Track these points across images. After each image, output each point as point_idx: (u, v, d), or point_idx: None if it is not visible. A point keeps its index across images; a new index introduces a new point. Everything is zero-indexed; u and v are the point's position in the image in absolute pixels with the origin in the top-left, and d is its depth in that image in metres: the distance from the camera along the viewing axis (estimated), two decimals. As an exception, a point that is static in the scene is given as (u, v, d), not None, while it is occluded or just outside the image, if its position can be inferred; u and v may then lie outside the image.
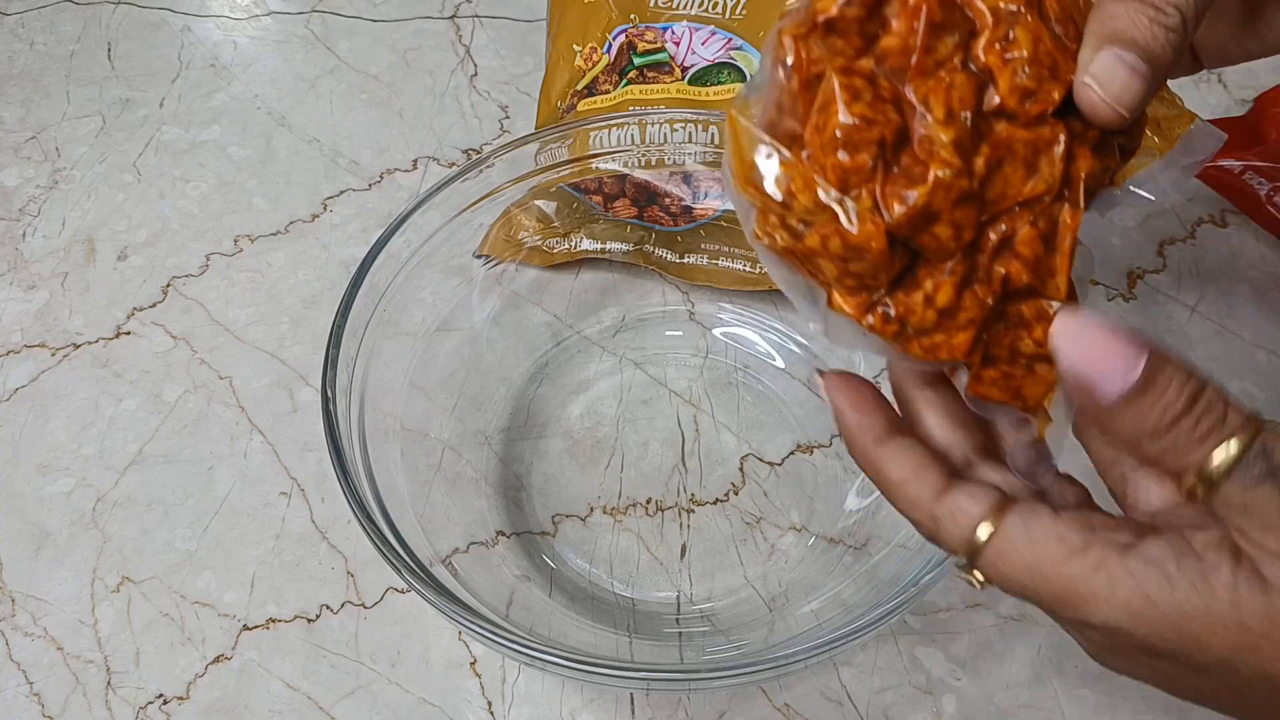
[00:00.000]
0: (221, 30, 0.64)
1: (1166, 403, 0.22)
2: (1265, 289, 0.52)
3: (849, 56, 0.23)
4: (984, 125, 0.24)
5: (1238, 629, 0.22)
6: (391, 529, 0.37)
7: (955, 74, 0.23)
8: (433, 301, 0.46)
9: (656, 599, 0.43)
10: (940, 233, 0.24)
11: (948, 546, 0.25)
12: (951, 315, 0.24)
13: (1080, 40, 0.24)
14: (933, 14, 0.23)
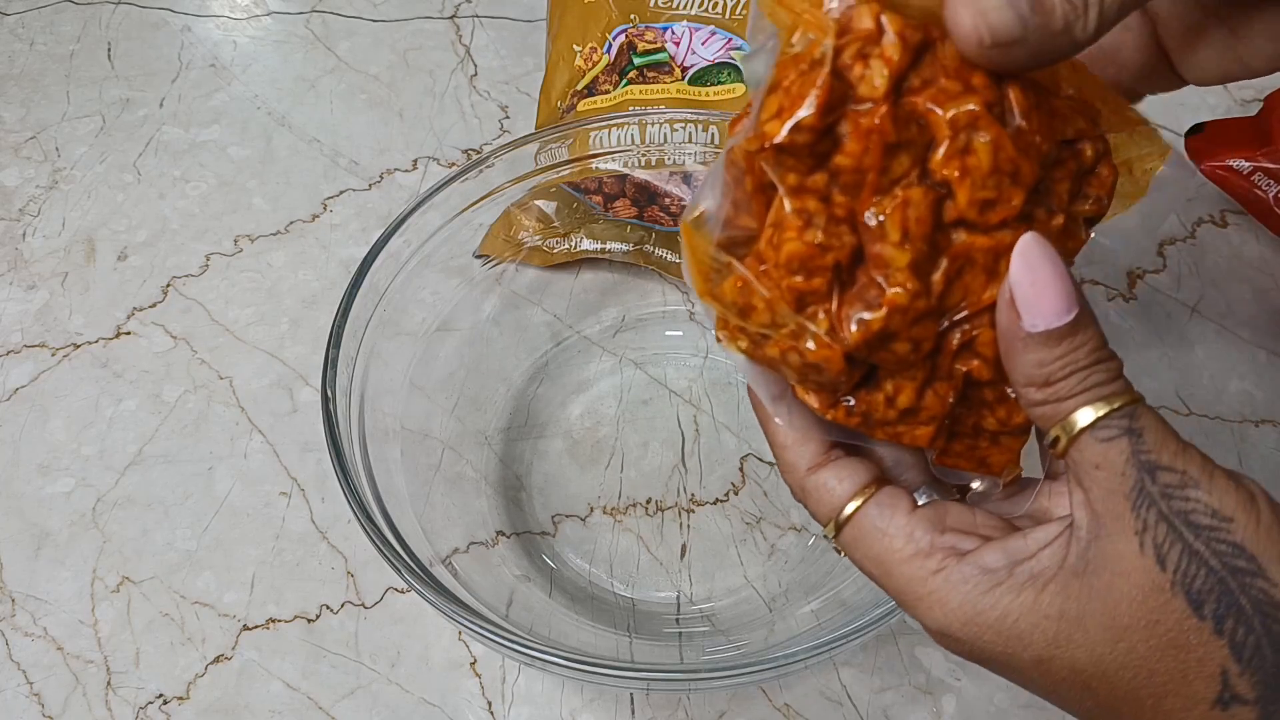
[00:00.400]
0: (221, 30, 0.64)
1: (1073, 356, 0.22)
2: (1265, 289, 0.52)
3: (801, 173, 0.23)
4: (942, 238, 0.23)
5: (1057, 619, 0.22)
6: (391, 529, 0.37)
7: (911, 189, 0.22)
8: (433, 301, 0.46)
9: (656, 599, 0.43)
10: (898, 349, 0.24)
11: (815, 517, 0.26)
12: (913, 414, 0.25)
13: (1049, 134, 0.23)
14: (887, 135, 0.22)
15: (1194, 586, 0.21)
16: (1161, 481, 0.21)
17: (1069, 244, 0.24)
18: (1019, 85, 0.23)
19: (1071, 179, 0.24)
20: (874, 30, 0.22)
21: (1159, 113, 0.58)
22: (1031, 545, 0.23)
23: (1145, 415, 0.22)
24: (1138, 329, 0.51)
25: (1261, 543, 0.20)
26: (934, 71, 0.22)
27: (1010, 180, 0.22)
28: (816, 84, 0.22)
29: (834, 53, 0.22)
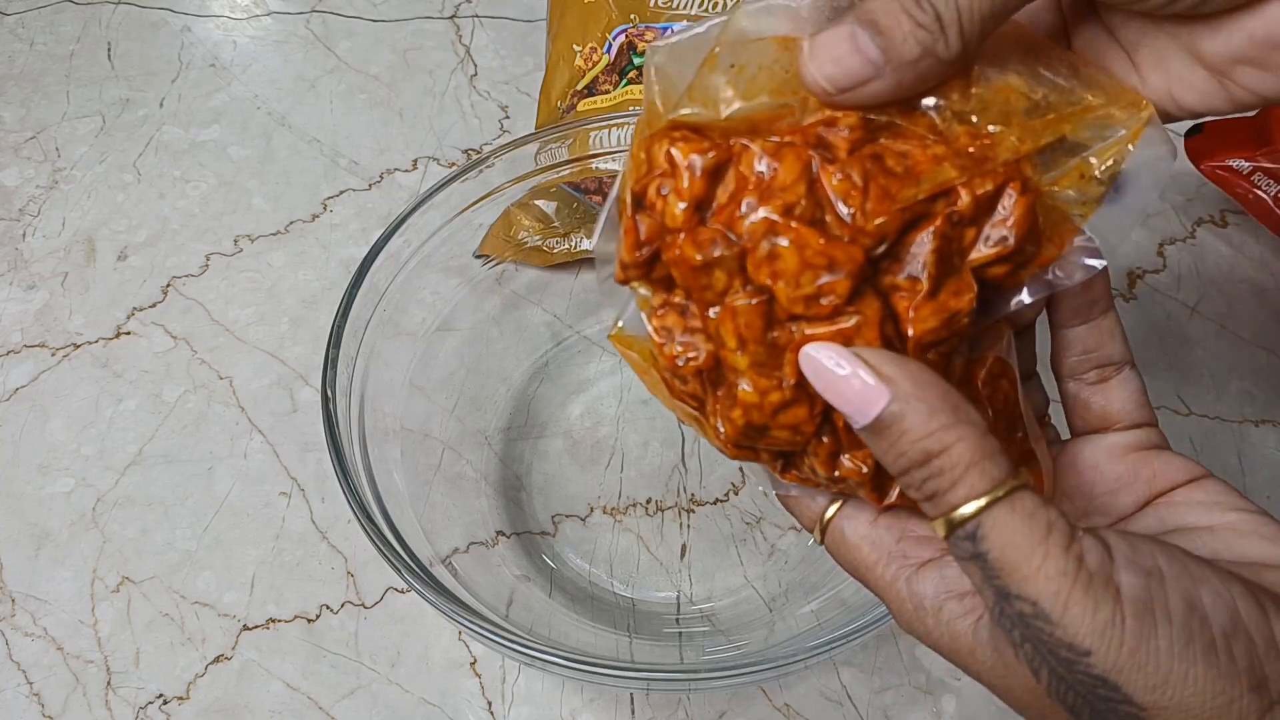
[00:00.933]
0: (221, 30, 0.64)
1: (898, 451, 0.22)
2: (1265, 289, 0.52)
3: (662, 292, 0.25)
4: (782, 334, 0.23)
5: (974, 671, 0.23)
6: (391, 529, 0.37)
7: (736, 299, 0.23)
8: (433, 301, 0.46)
9: (656, 599, 0.43)
10: (779, 437, 0.24)
11: (801, 522, 0.27)
12: (842, 479, 0.25)
13: (887, 205, 0.22)
14: (690, 261, 0.23)
15: (1067, 701, 0.21)
16: (1016, 609, 0.21)
17: (951, 303, 0.23)
18: (838, 167, 0.22)
19: (942, 234, 0.23)
20: (667, 165, 0.23)
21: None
22: (964, 580, 0.23)
23: (990, 532, 0.21)
24: (1138, 329, 0.51)
25: (1124, 669, 0.20)
26: (738, 184, 0.23)
27: (827, 271, 0.22)
28: (624, 228, 0.24)
29: (638, 194, 0.24)
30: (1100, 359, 0.28)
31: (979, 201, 0.23)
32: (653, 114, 0.24)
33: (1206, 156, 0.53)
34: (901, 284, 0.23)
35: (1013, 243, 0.23)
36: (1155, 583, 0.20)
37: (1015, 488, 0.21)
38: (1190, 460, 0.27)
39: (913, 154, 0.23)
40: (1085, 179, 0.24)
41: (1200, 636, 0.20)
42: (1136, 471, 0.27)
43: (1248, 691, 0.20)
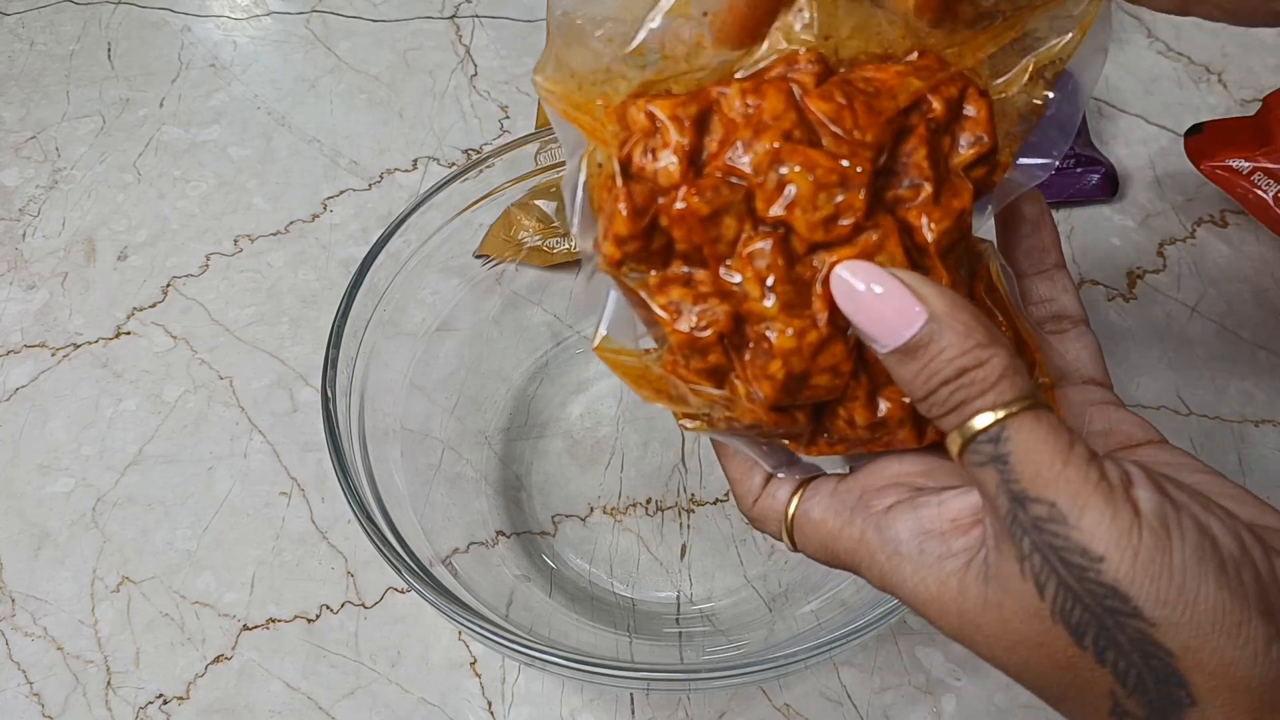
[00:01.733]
0: (221, 30, 0.64)
1: (933, 370, 0.21)
2: (1265, 289, 0.52)
3: (658, 268, 0.23)
4: (805, 269, 0.23)
5: (958, 617, 0.22)
6: (391, 529, 0.37)
7: (751, 243, 0.23)
8: (433, 301, 0.46)
9: (656, 599, 0.43)
10: (820, 383, 0.23)
11: (772, 536, 0.26)
12: (881, 424, 0.24)
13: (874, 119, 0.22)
14: (697, 213, 0.22)
15: (1072, 619, 0.20)
16: (1032, 513, 0.20)
17: (953, 203, 0.23)
18: (820, 93, 0.23)
19: (928, 140, 0.23)
20: (649, 124, 0.23)
21: (1158, 113, 0.58)
22: (944, 518, 0.23)
23: (1014, 435, 0.21)
24: (1138, 329, 0.51)
25: (1137, 579, 0.19)
26: (725, 129, 0.23)
27: (841, 188, 0.22)
28: (618, 201, 0.23)
29: (624, 161, 0.23)
30: (1057, 310, 0.28)
31: (949, 106, 0.23)
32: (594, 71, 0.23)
33: (1206, 156, 0.53)
34: (904, 194, 0.23)
35: (987, 141, 0.24)
36: (1170, 504, 0.20)
37: (1041, 403, 0.21)
38: (1146, 421, 0.26)
39: (875, 76, 0.23)
40: (1033, 80, 0.25)
41: (1212, 558, 0.20)
42: (1093, 425, 0.26)
43: (1257, 615, 0.19)
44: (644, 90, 0.23)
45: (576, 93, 0.23)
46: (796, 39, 0.23)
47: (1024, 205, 0.27)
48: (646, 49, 0.23)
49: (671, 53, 0.23)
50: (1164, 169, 0.56)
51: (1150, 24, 0.62)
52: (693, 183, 0.22)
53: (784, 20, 0.23)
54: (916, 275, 0.22)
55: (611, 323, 0.25)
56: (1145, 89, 0.59)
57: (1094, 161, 0.54)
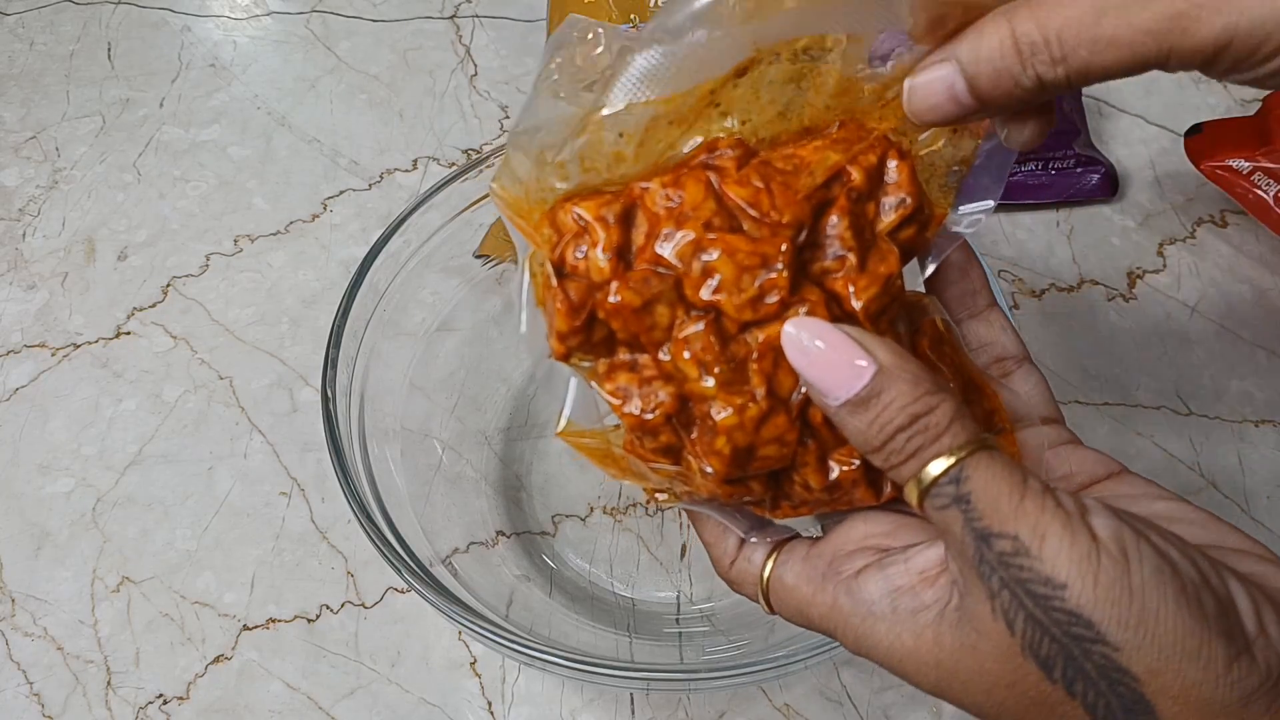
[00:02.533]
0: (221, 30, 0.64)
1: (885, 420, 0.22)
2: (1265, 289, 0.52)
3: (605, 357, 0.25)
4: (739, 347, 0.24)
5: (935, 668, 0.22)
6: (391, 529, 0.37)
7: (684, 328, 0.24)
8: (433, 301, 0.46)
9: (656, 599, 0.43)
10: (768, 454, 0.24)
11: (748, 598, 0.27)
12: (836, 485, 0.25)
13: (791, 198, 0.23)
14: (630, 305, 0.23)
15: (1041, 652, 0.20)
16: (996, 549, 0.21)
17: (880, 269, 0.24)
18: (738, 180, 0.23)
19: (850, 210, 0.24)
20: (577, 226, 0.24)
21: (1158, 113, 0.58)
22: (912, 573, 0.23)
23: (973, 475, 0.21)
24: (1138, 329, 0.51)
25: (1100, 605, 0.20)
26: (650, 222, 0.24)
27: (763, 269, 0.23)
28: (555, 300, 0.24)
29: (557, 263, 0.24)
30: (998, 352, 0.28)
31: (869, 174, 0.24)
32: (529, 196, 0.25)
33: (1206, 156, 0.53)
34: (830, 266, 0.24)
35: (910, 202, 0.25)
36: (1127, 529, 0.20)
37: (990, 444, 0.22)
38: (1105, 455, 0.27)
39: (795, 152, 0.24)
40: (957, 133, 0.26)
41: (1172, 581, 0.20)
42: (1053, 467, 0.27)
43: (1217, 636, 0.20)
44: (575, 193, 0.24)
45: (522, 200, 0.25)
46: (718, 127, 0.24)
47: (951, 254, 0.27)
48: (567, 164, 0.24)
49: (593, 166, 0.24)
50: (1164, 169, 0.56)
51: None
52: (623, 276, 0.24)
53: (707, 124, 0.24)
54: (860, 330, 0.23)
55: (575, 406, 0.26)
56: (1145, 89, 0.59)
57: (1094, 161, 0.54)
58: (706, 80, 0.24)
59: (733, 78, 0.24)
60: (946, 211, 0.26)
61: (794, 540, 0.26)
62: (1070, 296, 0.52)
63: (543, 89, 0.24)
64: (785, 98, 0.25)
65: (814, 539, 0.26)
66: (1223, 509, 0.45)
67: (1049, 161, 0.54)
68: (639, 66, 0.23)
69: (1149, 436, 0.47)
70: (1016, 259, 0.53)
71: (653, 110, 0.24)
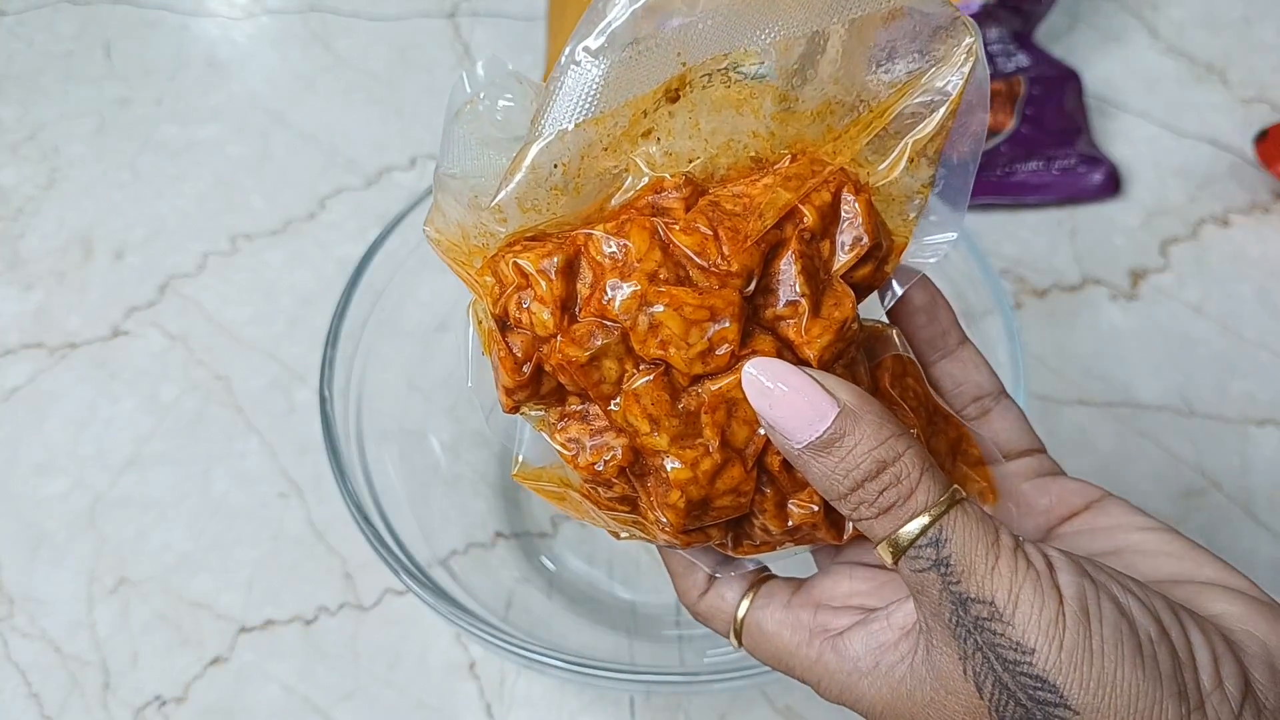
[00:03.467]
0: (219, 29, 0.64)
1: (850, 465, 0.21)
2: (1268, 289, 0.52)
3: (554, 407, 0.24)
4: (691, 400, 0.23)
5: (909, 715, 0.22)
6: (389, 530, 0.36)
7: (633, 382, 0.23)
8: (431, 301, 0.45)
9: (656, 601, 0.43)
10: (723, 504, 0.24)
11: (718, 633, 0.26)
12: (796, 528, 0.25)
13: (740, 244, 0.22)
14: (574, 361, 0.22)
15: (1006, 715, 0.21)
16: (973, 614, 0.21)
17: (835, 313, 0.23)
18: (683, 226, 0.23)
19: (802, 253, 0.23)
20: (519, 278, 0.23)
21: (1160, 113, 0.58)
22: (893, 630, 0.23)
23: (953, 534, 0.21)
24: (1141, 328, 0.50)
25: (1063, 669, 0.20)
26: (595, 272, 0.23)
27: (712, 322, 0.22)
28: (499, 354, 0.23)
29: (499, 316, 0.23)
30: (974, 390, 0.28)
31: (822, 213, 0.23)
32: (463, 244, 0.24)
33: (1276, 160, 0.53)
34: (782, 312, 0.23)
35: (867, 241, 0.24)
36: (1089, 586, 0.21)
37: (961, 495, 0.22)
38: (1087, 483, 0.27)
39: (745, 191, 0.23)
40: (914, 161, 0.25)
41: (1129, 640, 0.20)
42: (1033, 501, 0.27)
43: (1169, 697, 0.20)
44: (516, 238, 0.24)
45: (461, 244, 0.24)
46: (659, 165, 0.23)
47: (913, 294, 0.27)
48: (505, 206, 0.23)
49: (533, 205, 0.23)
50: (1167, 168, 0.56)
51: (1152, 23, 0.62)
52: (567, 331, 0.23)
53: (644, 148, 0.23)
54: (822, 372, 0.22)
55: (528, 447, 0.26)
56: (1147, 88, 0.59)
57: (1097, 161, 0.54)
58: (636, 97, 0.23)
59: (665, 101, 0.23)
60: (907, 242, 0.25)
61: (771, 582, 0.26)
62: (1073, 296, 0.51)
63: (464, 134, 0.23)
64: (728, 126, 0.24)
65: (794, 584, 0.26)
66: (1225, 510, 0.45)
67: (1052, 161, 0.54)
68: (567, 87, 0.22)
69: (1151, 437, 0.47)
70: (1019, 258, 0.53)
71: (585, 136, 0.23)
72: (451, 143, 0.24)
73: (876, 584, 0.25)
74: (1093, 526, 0.25)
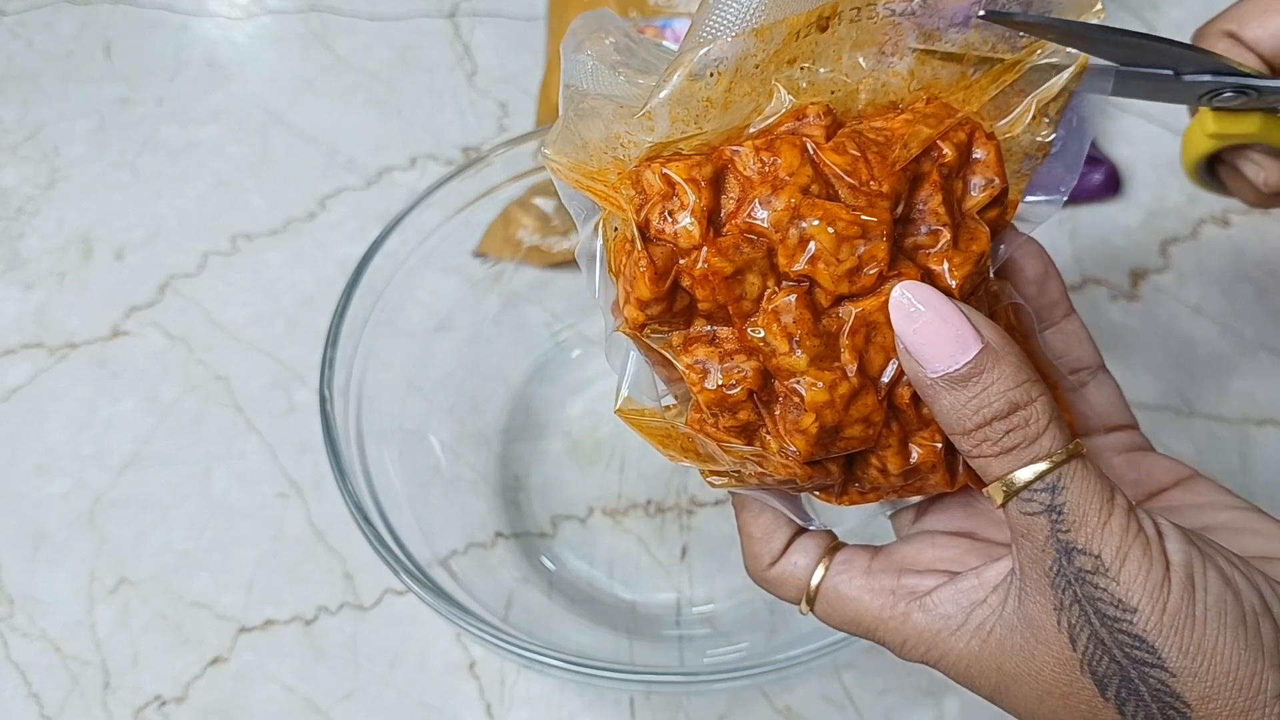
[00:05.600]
0: (219, 28, 0.64)
1: (982, 401, 0.21)
2: (1268, 289, 0.52)
3: (681, 329, 0.24)
4: (831, 321, 0.23)
5: (996, 673, 0.23)
6: (389, 530, 0.36)
7: (776, 299, 0.23)
8: (431, 301, 0.46)
9: (657, 601, 0.43)
10: (853, 434, 0.23)
11: (783, 599, 0.26)
12: (914, 471, 0.24)
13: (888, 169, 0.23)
14: (720, 273, 0.22)
15: (1099, 670, 0.21)
16: (1076, 564, 0.21)
17: (973, 247, 0.24)
18: (833, 146, 0.23)
19: (943, 186, 0.24)
20: (665, 187, 0.23)
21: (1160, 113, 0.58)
22: (984, 588, 0.23)
23: (1070, 484, 0.21)
24: (1141, 328, 0.50)
25: (1163, 632, 0.20)
26: (742, 187, 0.23)
27: (863, 240, 0.22)
28: (639, 265, 0.23)
29: (642, 226, 0.23)
30: (1073, 363, 0.28)
31: (960, 151, 0.24)
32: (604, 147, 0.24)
33: None
34: (923, 241, 0.23)
35: (999, 183, 0.24)
36: (1197, 556, 0.21)
37: (1082, 450, 0.22)
38: (1177, 461, 0.27)
39: (885, 126, 0.24)
40: (1036, 120, 0.25)
41: (1233, 610, 0.20)
42: (1123, 475, 0.27)
43: (1270, 668, 0.20)
44: (655, 154, 0.23)
45: (588, 162, 0.24)
46: (802, 94, 0.23)
47: (1027, 264, 0.27)
48: (656, 112, 0.23)
49: (682, 115, 0.23)
50: (1167, 168, 0.56)
51: (1152, 23, 0.62)
52: (713, 243, 0.22)
53: (787, 74, 0.23)
54: (968, 306, 0.22)
55: (633, 383, 0.25)
56: (1147, 87, 0.59)
57: (1096, 161, 0.54)
58: (794, 15, 0.23)
59: (815, 29, 0.23)
60: (1019, 199, 0.26)
61: (847, 549, 0.26)
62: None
63: (593, 61, 0.23)
64: (870, 63, 0.24)
65: (871, 550, 0.26)
66: (1226, 509, 0.45)
67: (1051, 160, 0.54)
68: None
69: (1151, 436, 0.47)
70: (1018, 258, 0.53)
71: (742, 46, 0.22)
72: (580, 67, 0.23)
73: (960, 551, 0.25)
74: (1182, 503, 0.25)
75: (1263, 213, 0.54)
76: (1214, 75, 0.27)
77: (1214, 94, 0.29)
